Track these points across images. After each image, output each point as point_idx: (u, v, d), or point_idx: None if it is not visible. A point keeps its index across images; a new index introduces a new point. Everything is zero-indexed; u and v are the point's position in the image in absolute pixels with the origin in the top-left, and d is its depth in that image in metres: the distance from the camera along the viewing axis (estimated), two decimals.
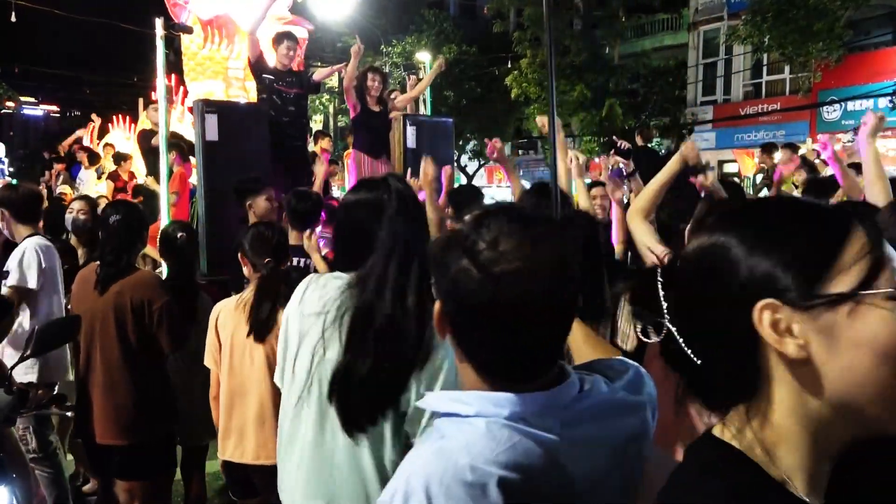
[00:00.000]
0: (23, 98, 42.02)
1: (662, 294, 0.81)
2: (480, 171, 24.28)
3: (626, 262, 3.39)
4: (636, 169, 4.59)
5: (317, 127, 19.60)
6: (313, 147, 7.70)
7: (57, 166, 11.22)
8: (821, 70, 14.98)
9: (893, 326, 0.69)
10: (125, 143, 11.37)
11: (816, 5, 13.15)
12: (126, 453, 2.95)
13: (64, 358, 3.65)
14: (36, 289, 3.49)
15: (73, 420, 3.25)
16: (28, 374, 3.39)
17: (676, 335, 0.79)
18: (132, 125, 12.04)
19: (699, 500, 0.74)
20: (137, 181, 8.86)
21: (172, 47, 7.05)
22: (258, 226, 3.03)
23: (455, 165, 13.43)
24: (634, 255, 3.12)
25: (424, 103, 7.93)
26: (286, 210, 3.78)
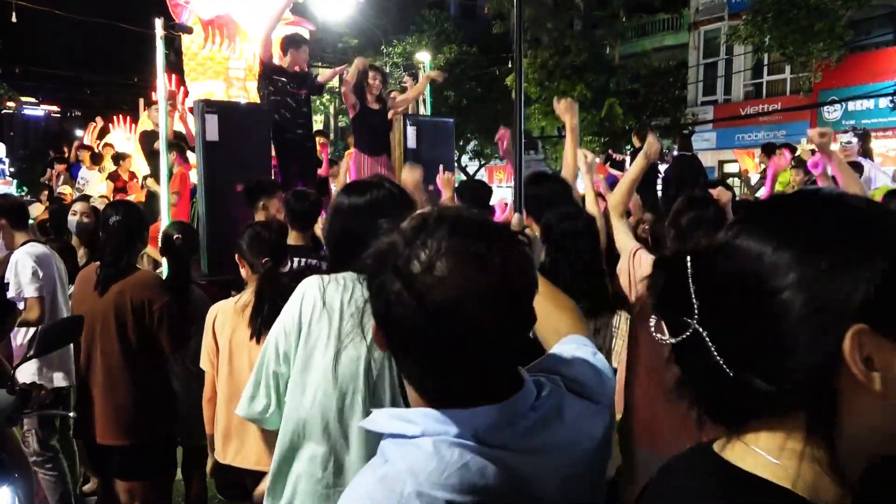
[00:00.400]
0: (23, 98, 42.06)
1: (694, 290, 0.72)
2: (481, 172, 24.26)
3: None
4: None
5: (317, 127, 19.58)
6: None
7: (58, 166, 11.23)
8: (821, 70, 14.97)
9: None
10: (125, 143, 11.37)
11: (817, 5, 13.13)
12: (126, 453, 2.96)
13: (68, 360, 3.64)
14: (35, 296, 3.47)
15: (74, 420, 3.25)
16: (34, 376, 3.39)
17: (708, 341, 0.70)
18: (133, 125, 12.04)
19: None
20: (138, 181, 8.86)
21: (173, 47, 7.07)
22: (255, 226, 2.94)
23: (455, 166, 13.44)
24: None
25: (424, 103, 7.92)
26: (285, 210, 3.78)
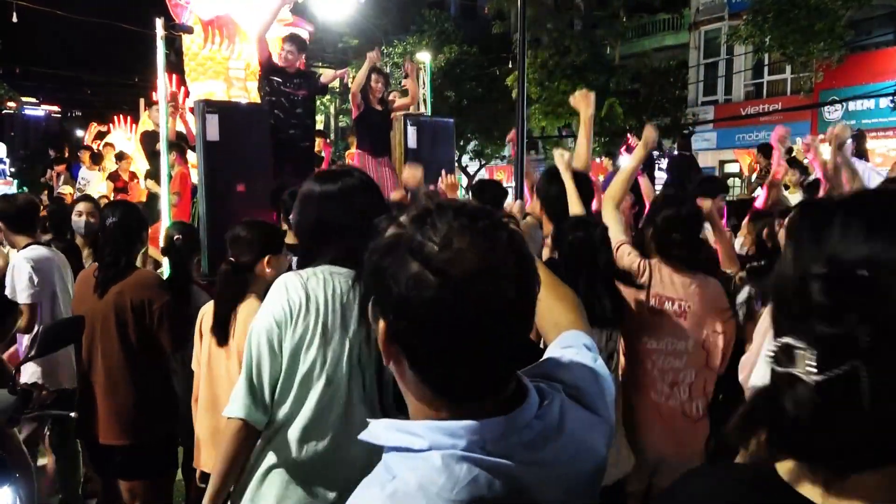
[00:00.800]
0: (24, 98, 42.07)
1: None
2: (481, 171, 24.26)
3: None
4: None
5: (318, 127, 19.58)
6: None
7: (58, 167, 11.24)
8: (822, 70, 14.98)
9: None
10: (126, 143, 11.37)
11: (818, 5, 13.14)
12: (127, 453, 2.96)
13: (71, 363, 3.63)
14: (27, 303, 3.45)
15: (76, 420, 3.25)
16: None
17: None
18: (133, 125, 12.05)
19: None
20: (139, 181, 8.87)
21: (173, 47, 7.06)
22: (236, 226, 2.82)
23: (456, 166, 13.43)
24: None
25: (425, 103, 7.93)
26: (283, 210, 3.77)
